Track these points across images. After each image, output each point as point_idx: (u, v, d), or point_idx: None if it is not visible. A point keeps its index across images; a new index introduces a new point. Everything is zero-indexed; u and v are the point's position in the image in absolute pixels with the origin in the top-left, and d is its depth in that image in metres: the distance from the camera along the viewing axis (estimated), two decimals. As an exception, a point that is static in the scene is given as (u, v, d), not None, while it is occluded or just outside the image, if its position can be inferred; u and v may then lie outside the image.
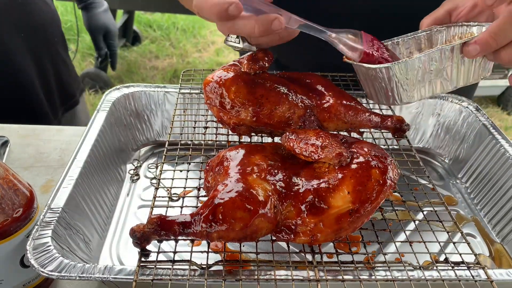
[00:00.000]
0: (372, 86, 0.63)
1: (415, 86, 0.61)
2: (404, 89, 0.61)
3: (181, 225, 0.52)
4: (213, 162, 0.62)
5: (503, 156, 0.80)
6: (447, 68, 0.61)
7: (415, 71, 0.60)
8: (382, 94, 0.63)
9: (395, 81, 0.60)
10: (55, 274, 0.53)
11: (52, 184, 0.82)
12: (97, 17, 1.49)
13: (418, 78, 0.60)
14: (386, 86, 0.61)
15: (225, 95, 0.70)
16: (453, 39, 0.67)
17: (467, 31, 0.66)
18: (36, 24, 1.13)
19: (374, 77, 0.62)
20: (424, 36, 0.69)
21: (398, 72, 0.59)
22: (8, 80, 1.09)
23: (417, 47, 0.69)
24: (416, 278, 0.54)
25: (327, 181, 0.56)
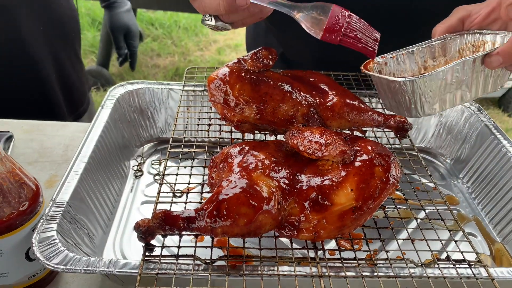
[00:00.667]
0: (393, 98, 0.63)
1: (438, 98, 0.61)
2: (427, 101, 0.61)
3: (186, 220, 0.53)
4: (217, 158, 0.63)
5: (504, 156, 0.80)
6: (468, 79, 0.61)
7: (438, 83, 0.60)
8: (404, 106, 0.63)
9: (419, 94, 0.60)
10: (61, 267, 0.53)
11: (56, 179, 0.82)
12: (119, 17, 1.49)
13: (441, 90, 0.60)
14: (410, 98, 0.61)
15: (229, 93, 0.70)
16: (466, 47, 0.68)
17: (480, 39, 0.66)
18: (55, 18, 1.13)
19: (397, 89, 0.61)
20: (438, 45, 0.69)
21: (422, 85, 0.59)
22: (25, 72, 1.09)
23: (431, 55, 0.69)
24: (418, 276, 0.55)
25: (331, 178, 0.56)
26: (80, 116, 1.26)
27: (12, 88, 1.09)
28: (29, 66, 1.09)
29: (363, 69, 0.66)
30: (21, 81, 1.09)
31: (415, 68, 0.70)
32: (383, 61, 0.68)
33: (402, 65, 0.70)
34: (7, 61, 1.06)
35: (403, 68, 0.70)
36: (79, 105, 1.25)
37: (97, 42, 2.86)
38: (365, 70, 0.66)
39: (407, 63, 0.70)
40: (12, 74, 1.08)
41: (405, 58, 0.69)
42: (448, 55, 0.70)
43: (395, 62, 0.69)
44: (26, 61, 1.08)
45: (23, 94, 1.11)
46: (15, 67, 1.07)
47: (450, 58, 0.70)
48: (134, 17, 1.57)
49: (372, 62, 0.68)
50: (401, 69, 0.70)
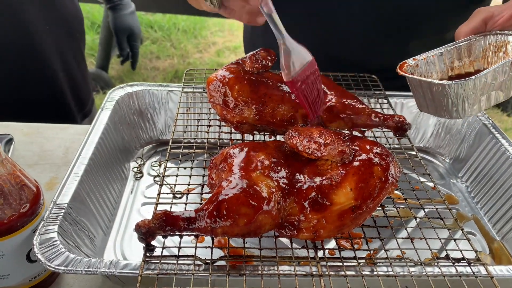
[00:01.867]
0: (433, 100, 0.64)
1: (478, 100, 0.63)
2: (469, 103, 0.63)
3: (186, 221, 0.53)
4: (216, 159, 0.63)
5: (503, 155, 0.80)
6: (504, 81, 0.63)
7: (481, 85, 0.62)
8: (444, 108, 0.64)
9: (463, 96, 0.61)
10: (62, 268, 0.53)
11: (56, 182, 0.82)
12: (123, 18, 1.50)
13: (481, 92, 0.62)
14: (453, 101, 0.62)
15: (228, 94, 0.70)
16: (489, 48, 0.70)
17: (502, 39, 0.68)
18: (61, 17, 1.15)
19: (439, 92, 0.63)
20: (464, 46, 0.71)
21: (467, 88, 0.61)
22: (33, 70, 1.10)
23: (457, 56, 0.71)
24: (418, 274, 0.55)
25: (330, 178, 0.57)
26: (87, 115, 1.27)
27: (22, 88, 1.10)
28: (38, 64, 1.10)
29: (400, 72, 0.67)
30: (30, 80, 1.10)
31: (444, 69, 0.72)
32: (414, 63, 0.70)
33: (431, 66, 0.71)
34: (16, 59, 1.07)
35: (432, 69, 0.71)
36: (85, 104, 1.27)
37: (96, 45, 2.87)
38: (403, 73, 0.67)
39: (436, 64, 0.71)
40: (20, 73, 1.09)
41: (434, 59, 0.71)
42: (473, 56, 0.71)
43: (425, 64, 0.71)
44: (34, 59, 1.09)
45: (33, 94, 1.12)
46: (23, 65, 1.08)
47: (475, 58, 0.72)
48: (137, 19, 1.58)
49: (405, 65, 0.69)
50: (431, 70, 0.71)
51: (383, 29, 0.88)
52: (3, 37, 1.04)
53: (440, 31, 0.71)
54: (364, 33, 0.90)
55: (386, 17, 0.87)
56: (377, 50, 0.78)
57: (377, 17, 0.87)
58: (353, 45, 0.93)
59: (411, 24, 0.87)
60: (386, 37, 0.89)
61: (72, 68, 1.19)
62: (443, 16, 0.73)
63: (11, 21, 1.04)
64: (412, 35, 0.88)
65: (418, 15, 0.85)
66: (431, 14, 0.84)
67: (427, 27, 0.73)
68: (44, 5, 1.09)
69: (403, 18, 0.86)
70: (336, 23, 0.90)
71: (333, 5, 0.88)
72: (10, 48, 1.06)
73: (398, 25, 0.87)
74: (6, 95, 1.08)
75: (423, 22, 0.82)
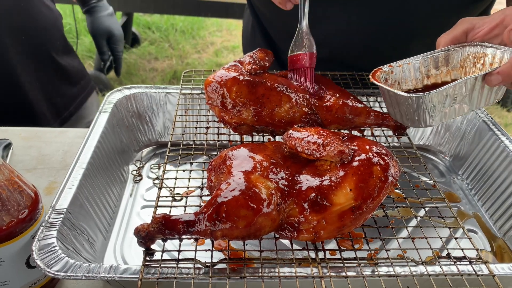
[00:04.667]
0: (398, 109, 0.67)
1: (440, 112, 0.65)
2: (430, 115, 0.64)
3: (185, 224, 0.53)
4: (215, 161, 0.63)
5: (503, 152, 0.80)
6: (469, 95, 0.65)
7: (442, 99, 0.63)
8: (407, 117, 0.67)
9: (423, 108, 0.63)
10: (61, 274, 0.53)
11: (55, 186, 0.82)
12: (100, 21, 1.47)
13: (443, 104, 0.64)
14: (414, 111, 0.65)
15: (226, 95, 0.70)
16: (468, 58, 0.71)
17: (481, 51, 0.69)
18: (37, 27, 1.14)
19: (402, 102, 0.65)
20: (442, 55, 0.72)
21: (427, 100, 0.63)
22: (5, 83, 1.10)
23: (435, 65, 0.72)
24: (419, 274, 0.55)
25: (329, 178, 0.56)
26: (66, 120, 1.25)
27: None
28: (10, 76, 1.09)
29: (372, 78, 0.69)
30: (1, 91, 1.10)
31: (419, 77, 0.73)
32: (389, 69, 0.71)
33: (407, 73, 0.72)
34: None
35: (407, 76, 0.73)
36: (64, 109, 1.25)
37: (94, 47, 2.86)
38: (373, 80, 0.68)
39: (411, 72, 0.72)
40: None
41: (410, 67, 0.72)
42: (450, 65, 0.73)
43: (400, 71, 0.72)
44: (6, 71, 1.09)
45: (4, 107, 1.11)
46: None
47: (452, 67, 0.73)
48: (117, 21, 1.53)
49: (379, 71, 0.70)
50: (406, 77, 0.73)
51: (384, 30, 0.88)
52: None
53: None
54: (366, 35, 0.90)
55: (388, 18, 0.87)
56: (378, 51, 0.78)
57: (379, 19, 0.87)
58: (354, 47, 0.93)
59: (412, 25, 0.87)
60: (387, 39, 0.89)
61: (49, 77, 1.18)
62: (445, 16, 0.74)
63: None
64: (413, 35, 0.88)
65: (420, 16, 0.85)
66: (432, 15, 0.84)
67: (428, 27, 0.74)
68: (22, 17, 1.09)
69: (405, 19, 0.87)
70: (337, 24, 0.90)
71: (335, 6, 0.88)
72: None
73: (400, 26, 0.87)
74: None
75: (424, 23, 0.82)
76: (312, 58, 0.75)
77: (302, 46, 0.75)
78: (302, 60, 0.75)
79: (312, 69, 0.75)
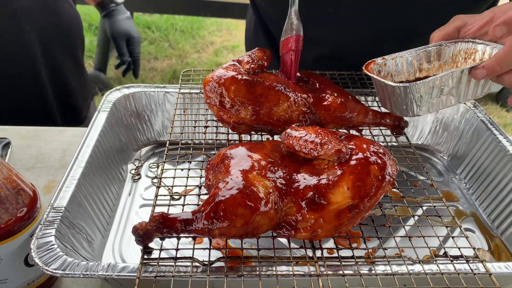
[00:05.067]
0: (388, 98, 0.70)
1: (427, 102, 0.67)
2: (417, 105, 0.67)
3: (183, 223, 0.53)
4: (213, 160, 0.63)
5: (501, 151, 0.80)
6: (455, 87, 0.67)
7: (429, 90, 0.66)
8: (397, 106, 0.70)
9: (410, 98, 0.66)
10: (59, 272, 0.53)
11: (54, 185, 0.82)
12: (119, 23, 1.51)
13: (430, 95, 0.67)
14: (402, 101, 0.67)
15: (224, 94, 0.70)
16: (459, 54, 0.73)
17: (472, 47, 0.72)
18: (63, 26, 1.17)
19: (392, 92, 0.68)
20: (434, 50, 0.74)
21: (414, 91, 0.65)
22: (29, 80, 1.12)
23: (427, 59, 0.75)
24: (416, 272, 0.55)
25: (327, 177, 0.57)
26: (81, 123, 1.27)
27: (10, 91, 1.11)
28: (29, 69, 1.11)
29: (364, 69, 0.71)
30: (19, 84, 1.11)
31: (411, 70, 0.75)
32: (383, 62, 0.74)
33: (399, 66, 0.75)
34: (8, 61, 1.08)
35: (400, 69, 0.75)
36: (79, 112, 1.27)
37: (94, 47, 2.86)
38: (366, 71, 0.71)
39: (404, 65, 0.75)
40: (11, 76, 1.10)
41: (403, 60, 0.74)
42: (442, 60, 0.75)
43: (393, 64, 0.74)
44: (26, 65, 1.10)
45: (20, 98, 1.13)
46: (15, 69, 1.09)
47: (444, 62, 0.75)
48: (134, 25, 1.57)
49: (373, 63, 0.73)
50: (398, 70, 0.75)
51: (386, 29, 0.89)
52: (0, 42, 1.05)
53: None
54: (367, 34, 0.91)
55: (389, 18, 0.87)
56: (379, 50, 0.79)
57: (380, 19, 0.87)
58: (355, 46, 0.93)
59: (414, 24, 0.87)
60: (389, 38, 0.90)
61: (65, 76, 1.20)
62: (446, 16, 0.75)
63: (9, 27, 1.06)
64: (415, 35, 0.88)
65: (422, 15, 0.86)
66: (434, 14, 0.84)
67: (430, 27, 0.75)
68: (48, 15, 1.12)
69: (406, 18, 0.87)
70: (339, 23, 0.90)
71: (337, 5, 0.88)
72: (6, 53, 1.07)
73: (401, 25, 0.88)
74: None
75: (426, 22, 0.82)
76: (298, 40, 0.74)
77: (290, 30, 0.74)
78: (288, 43, 0.74)
79: (297, 52, 0.74)
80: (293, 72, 0.75)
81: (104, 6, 1.50)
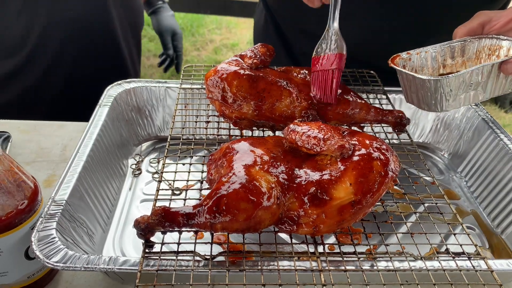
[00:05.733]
0: (416, 92, 0.69)
1: (456, 97, 0.67)
2: (446, 99, 0.66)
3: (185, 216, 0.53)
4: (215, 155, 0.63)
5: (502, 150, 0.80)
6: (484, 82, 0.67)
7: (459, 84, 0.65)
8: (425, 101, 0.68)
9: (440, 92, 0.65)
10: (60, 265, 0.53)
11: (54, 179, 0.82)
12: (165, 19, 1.61)
13: (459, 89, 0.66)
14: (431, 95, 0.66)
15: (227, 89, 0.70)
16: (483, 50, 0.73)
17: (497, 43, 0.71)
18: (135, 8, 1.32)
19: (421, 86, 0.67)
20: (458, 46, 0.74)
21: (445, 85, 0.64)
22: (111, 50, 1.25)
23: (451, 55, 0.74)
24: (418, 269, 0.55)
25: (329, 173, 0.56)
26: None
27: (94, 61, 1.23)
28: (113, 39, 1.24)
29: (391, 63, 0.71)
30: (102, 58, 1.24)
31: (435, 65, 0.75)
32: (407, 56, 0.74)
33: (424, 61, 0.74)
34: (94, 39, 1.20)
35: (424, 64, 0.75)
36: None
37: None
38: (392, 65, 0.70)
39: (428, 60, 0.74)
40: (95, 50, 1.22)
41: (427, 55, 0.74)
42: (466, 56, 0.75)
43: (418, 58, 0.74)
44: (111, 36, 1.23)
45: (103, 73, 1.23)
46: (99, 43, 1.22)
47: (467, 58, 0.75)
48: (177, 22, 1.67)
49: (398, 57, 0.73)
50: (423, 65, 0.75)
51: (401, 28, 0.89)
52: (88, 23, 1.17)
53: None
54: (382, 33, 0.90)
55: (404, 17, 0.87)
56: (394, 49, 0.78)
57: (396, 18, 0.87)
58: (370, 45, 0.93)
59: (429, 23, 0.87)
60: (404, 37, 0.90)
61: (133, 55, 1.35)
62: (461, 15, 0.74)
63: (97, 12, 1.18)
64: (430, 33, 0.88)
65: (437, 14, 0.86)
66: (449, 13, 0.84)
67: (445, 25, 0.75)
68: (126, 6, 1.26)
69: (421, 17, 0.87)
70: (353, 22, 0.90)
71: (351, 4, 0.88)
72: (93, 32, 1.19)
73: (416, 24, 0.88)
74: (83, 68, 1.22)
75: (441, 21, 0.82)
76: (342, 59, 0.70)
77: (331, 47, 0.71)
78: (330, 61, 0.70)
79: (340, 71, 0.71)
80: (335, 92, 0.71)
81: (152, 4, 1.61)
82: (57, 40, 1.15)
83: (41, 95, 1.20)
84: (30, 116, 1.00)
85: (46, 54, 1.15)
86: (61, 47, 1.15)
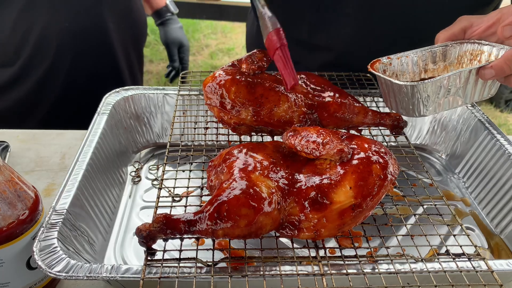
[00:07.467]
0: (394, 97, 0.69)
1: (434, 102, 0.67)
2: (424, 104, 0.67)
3: (187, 223, 0.53)
4: (215, 161, 0.63)
5: (499, 150, 0.81)
6: (462, 87, 0.67)
7: (436, 89, 0.65)
8: (402, 106, 0.69)
9: (417, 97, 0.65)
10: (63, 275, 0.53)
11: (54, 188, 0.82)
12: (173, 31, 1.62)
13: (437, 95, 0.66)
14: (409, 100, 0.67)
15: (225, 95, 0.71)
16: (465, 55, 0.73)
17: (478, 48, 0.71)
18: (135, 20, 1.31)
19: (398, 91, 0.67)
20: (439, 50, 0.74)
21: (422, 90, 0.65)
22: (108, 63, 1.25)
23: (432, 60, 0.75)
24: (419, 270, 0.55)
25: (329, 177, 0.57)
26: None
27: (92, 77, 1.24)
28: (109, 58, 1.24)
29: (370, 68, 0.71)
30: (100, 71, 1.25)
31: (416, 70, 0.75)
32: (388, 61, 0.74)
33: (405, 66, 0.74)
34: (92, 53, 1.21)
35: (405, 69, 0.75)
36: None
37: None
38: (371, 70, 0.71)
39: (409, 65, 0.74)
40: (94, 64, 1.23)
41: (408, 60, 0.74)
42: (448, 61, 0.75)
43: (398, 63, 0.74)
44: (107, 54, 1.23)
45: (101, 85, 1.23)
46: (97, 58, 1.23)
47: (449, 63, 0.75)
48: (185, 34, 1.68)
49: (378, 62, 0.73)
50: (404, 70, 0.75)
51: (392, 35, 0.89)
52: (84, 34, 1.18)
53: None
54: (373, 39, 0.91)
55: (395, 23, 0.87)
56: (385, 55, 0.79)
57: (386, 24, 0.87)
58: (361, 51, 0.93)
59: (420, 30, 0.88)
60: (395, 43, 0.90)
61: (134, 66, 1.35)
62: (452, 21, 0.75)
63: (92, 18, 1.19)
64: (421, 40, 0.89)
65: (427, 21, 0.86)
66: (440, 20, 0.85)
67: (436, 32, 0.75)
68: (122, 11, 1.24)
69: (412, 24, 0.88)
70: (344, 29, 0.90)
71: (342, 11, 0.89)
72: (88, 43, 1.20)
73: (407, 30, 0.88)
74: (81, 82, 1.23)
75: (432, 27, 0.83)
76: (279, 33, 0.66)
77: (267, 28, 0.67)
78: (272, 42, 0.66)
79: (284, 47, 0.66)
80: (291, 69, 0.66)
81: (161, 15, 1.61)
82: (53, 50, 1.15)
83: (37, 104, 1.20)
84: (27, 125, 1.00)
85: (41, 64, 1.16)
86: (56, 57, 1.16)
